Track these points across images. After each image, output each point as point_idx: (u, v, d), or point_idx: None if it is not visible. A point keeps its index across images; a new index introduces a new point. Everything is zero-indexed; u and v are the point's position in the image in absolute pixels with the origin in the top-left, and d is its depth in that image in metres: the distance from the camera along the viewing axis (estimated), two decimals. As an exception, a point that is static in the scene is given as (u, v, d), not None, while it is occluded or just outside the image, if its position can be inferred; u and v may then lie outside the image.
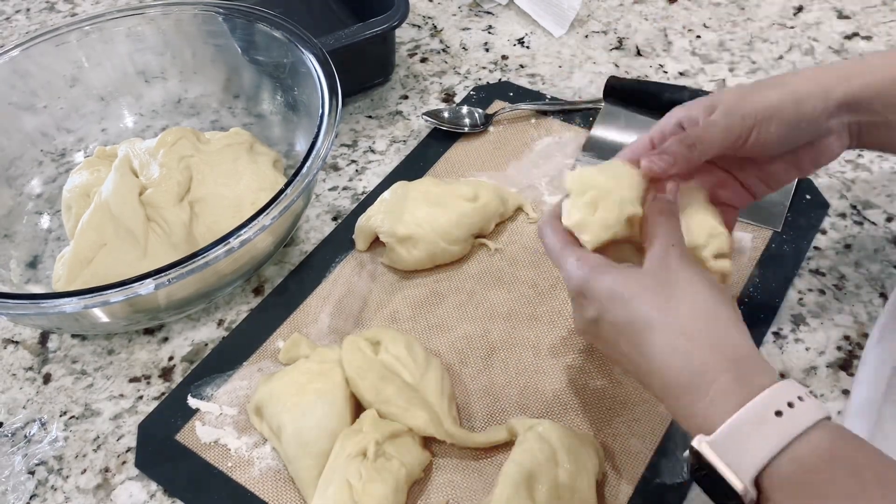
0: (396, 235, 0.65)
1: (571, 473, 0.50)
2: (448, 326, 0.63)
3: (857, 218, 0.69)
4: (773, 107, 0.52)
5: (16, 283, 0.68)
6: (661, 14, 0.93)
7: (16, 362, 0.66)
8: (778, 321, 0.62)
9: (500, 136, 0.79)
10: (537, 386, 0.59)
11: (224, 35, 0.78)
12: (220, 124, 0.82)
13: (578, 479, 0.50)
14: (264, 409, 0.56)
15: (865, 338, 0.60)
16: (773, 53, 0.86)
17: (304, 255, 0.70)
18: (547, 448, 0.51)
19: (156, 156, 0.69)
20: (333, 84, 0.66)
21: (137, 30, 0.79)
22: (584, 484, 0.50)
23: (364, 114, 0.84)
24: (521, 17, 0.95)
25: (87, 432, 0.60)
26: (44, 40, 0.75)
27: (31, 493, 0.57)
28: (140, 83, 0.82)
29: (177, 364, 0.64)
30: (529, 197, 0.72)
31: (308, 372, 0.56)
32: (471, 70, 0.88)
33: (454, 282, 0.67)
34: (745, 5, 0.93)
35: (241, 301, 0.67)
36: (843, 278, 0.64)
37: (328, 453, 0.53)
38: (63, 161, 0.79)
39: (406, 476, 0.52)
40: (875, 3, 0.91)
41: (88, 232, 0.65)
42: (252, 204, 0.67)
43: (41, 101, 0.78)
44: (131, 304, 0.59)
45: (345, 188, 0.76)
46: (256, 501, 0.54)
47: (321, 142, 0.62)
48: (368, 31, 0.77)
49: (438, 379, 0.56)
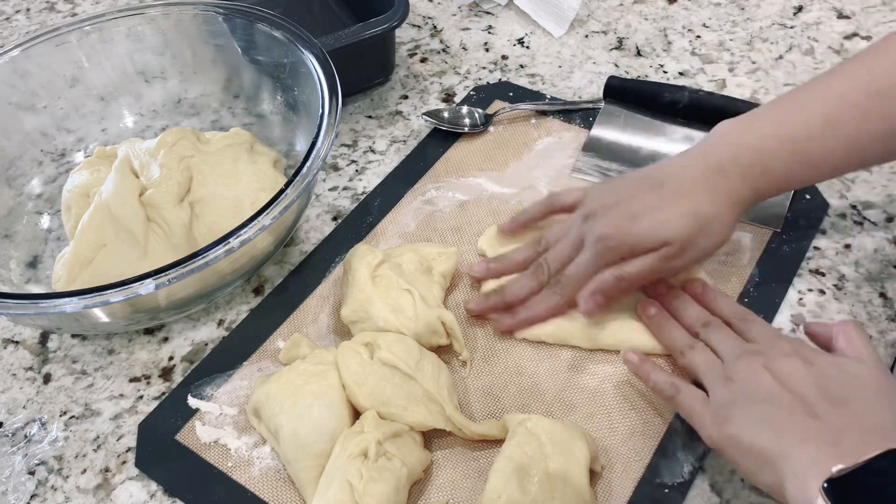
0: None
1: (562, 464, 0.50)
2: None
3: (857, 218, 0.69)
4: (702, 253, 0.58)
5: (16, 283, 0.68)
6: (661, 14, 0.93)
7: (16, 362, 0.66)
8: (778, 321, 0.62)
9: (500, 136, 0.79)
10: (537, 386, 0.59)
11: (224, 35, 0.77)
12: (220, 124, 0.82)
13: (570, 470, 0.50)
14: (262, 410, 0.56)
15: (865, 338, 0.60)
16: (773, 53, 0.86)
17: (304, 255, 0.70)
18: (535, 441, 0.51)
19: (156, 156, 0.69)
20: (333, 84, 0.66)
21: (137, 30, 0.78)
22: (575, 474, 0.50)
23: (364, 114, 0.84)
24: (521, 17, 0.95)
25: (87, 432, 0.60)
26: (44, 40, 0.75)
27: (32, 493, 0.57)
28: (140, 83, 0.82)
29: (177, 364, 0.64)
30: (529, 197, 0.72)
31: (305, 373, 0.56)
32: (471, 70, 0.88)
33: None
34: (745, 5, 0.93)
35: (241, 301, 0.67)
36: (843, 278, 0.64)
37: (327, 454, 0.53)
38: (63, 161, 0.79)
39: (407, 476, 0.52)
40: (875, 3, 0.91)
41: (88, 232, 0.65)
42: (252, 204, 0.67)
43: (41, 101, 0.78)
44: (131, 304, 0.59)
45: (345, 188, 0.76)
46: (256, 501, 0.54)
47: (321, 142, 0.62)
48: (368, 31, 0.77)
49: (435, 367, 0.57)
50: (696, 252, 0.57)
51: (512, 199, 0.72)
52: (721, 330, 0.56)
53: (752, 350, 0.52)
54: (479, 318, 0.63)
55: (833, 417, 0.44)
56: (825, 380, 0.47)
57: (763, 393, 0.48)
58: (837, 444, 0.42)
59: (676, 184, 0.58)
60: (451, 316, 0.60)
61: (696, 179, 0.58)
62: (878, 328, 0.61)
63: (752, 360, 0.50)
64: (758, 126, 0.58)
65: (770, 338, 0.53)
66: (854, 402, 0.45)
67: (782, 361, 0.49)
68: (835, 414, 0.44)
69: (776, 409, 0.46)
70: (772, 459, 0.44)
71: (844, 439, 0.42)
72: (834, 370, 0.47)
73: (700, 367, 0.53)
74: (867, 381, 0.46)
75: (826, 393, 0.46)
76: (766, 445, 0.45)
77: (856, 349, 0.49)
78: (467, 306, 0.63)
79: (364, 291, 0.60)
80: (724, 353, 0.53)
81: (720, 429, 0.48)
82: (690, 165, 0.59)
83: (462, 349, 0.60)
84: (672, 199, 0.57)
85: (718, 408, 0.49)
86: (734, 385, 0.49)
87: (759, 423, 0.46)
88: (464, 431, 0.55)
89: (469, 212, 0.72)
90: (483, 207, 0.72)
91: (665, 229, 0.56)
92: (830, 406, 0.45)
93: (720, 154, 0.58)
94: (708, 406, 0.50)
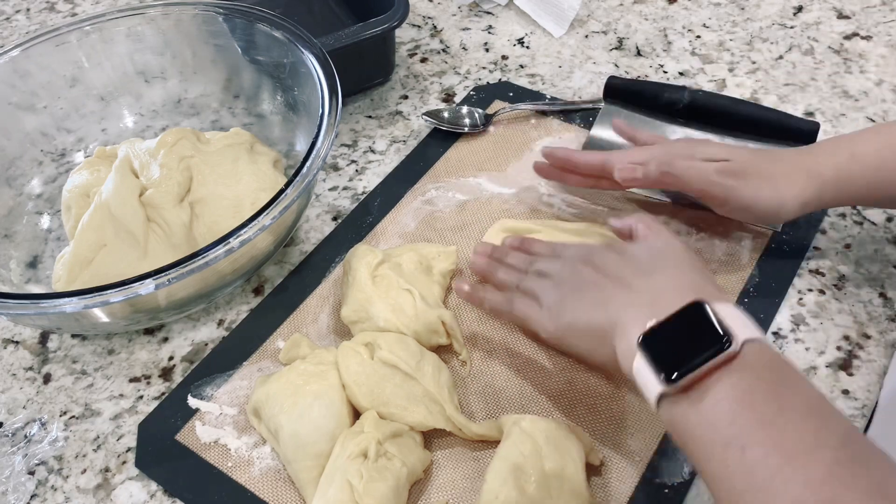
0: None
1: (558, 463, 0.50)
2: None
3: (857, 218, 0.69)
4: (758, 206, 0.60)
5: (16, 283, 0.68)
6: (661, 14, 0.93)
7: (16, 362, 0.66)
8: (778, 321, 0.62)
9: (499, 136, 0.79)
10: (537, 386, 0.59)
11: (224, 35, 0.77)
12: (220, 124, 0.82)
13: (566, 468, 0.50)
14: (262, 410, 0.56)
15: (865, 338, 0.60)
16: (772, 53, 0.86)
17: (304, 255, 0.70)
18: (531, 441, 0.51)
19: (156, 156, 0.69)
20: (333, 84, 0.66)
21: (137, 30, 0.78)
22: (572, 472, 0.50)
23: (364, 114, 0.84)
24: (521, 17, 0.95)
25: (87, 432, 0.60)
26: (44, 40, 0.75)
27: (32, 493, 0.57)
28: (140, 83, 0.82)
29: (177, 364, 0.64)
30: (528, 198, 0.72)
31: (304, 373, 0.56)
32: (471, 70, 0.88)
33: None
34: (745, 5, 0.93)
35: (241, 301, 0.67)
36: (843, 278, 0.64)
37: (326, 454, 0.53)
38: (63, 161, 0.79)
39: (407, 476, 0.52)
40: (875, 3, 0.91)
41: (88, 233, 0.65)
42: (252, 204, 0.67)
43: (41, 101, 0.78)
44: (131, 304, 0.59)
45: (345, 188, 0.76)
46: (256, 501, 0.54)
47: (321, 142, 0.62)
48: (368, 31, 0.77)
49: (436, 367, 0.57)
50: (754, 192, 0.60)
51: (512, 199, 0.73)
52: (541, 259, 0.59)
53: (570, 255, 0.57)
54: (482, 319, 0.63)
55: (649, 285, 0.49)
56: (637, 260, 0.52)
57: (588, 283, 0.53)
58: (654, 305, 0.47)
59: (759, 156, 0.61)
60: (452, 316, 0.60)
61: (778, 153, 0.61)
62: (878, 328, 0.61)
63: (574, 262, 0.55)
64: (852, 134, 0.61)
65: (584, 247, 0.57)
66: (664, 270, 0.50)
67: (598, 255, 0.55)
68: (649, 282, 0.50)
69: (601, 291, 0.52)
70: (604, 331, 0.49)
71: (660, 299, 0.47)
72: (643, 252, 0.53)
73: (532, 290, 0.56)
74: (672, 252, 0.52)
75: (640, 269, 0.51)
76: (598, 321, 0.50)
77: (656, 233, 0.55)
78: (459, 288, 0.62)
79: (364, 291, 0.60)
80: (548, 270, 0.57)
81: (557, 322, 0.54)
82: (776, 149, 0.63)
83: (461, 349, 0.60)
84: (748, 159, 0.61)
85: (552, 305, 0.54)
86: (560, 284, 0.55)
87: (590, 305, 0.52)
88: (464, 432, 0.55)
89: (469, 212, 0.72)
90: (483, 207, 0.72)
91: (729, 152, 0.61)
92: (645, 277, 0.50)
93: (818, 151, 0.61)
94: (541, 309, 0.55)
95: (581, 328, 0.52)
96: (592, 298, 0.52)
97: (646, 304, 0.48)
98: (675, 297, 0.46)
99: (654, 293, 0.48)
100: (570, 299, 0.53)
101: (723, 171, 0.60)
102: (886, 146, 0.58)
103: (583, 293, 0.53)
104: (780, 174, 0.59)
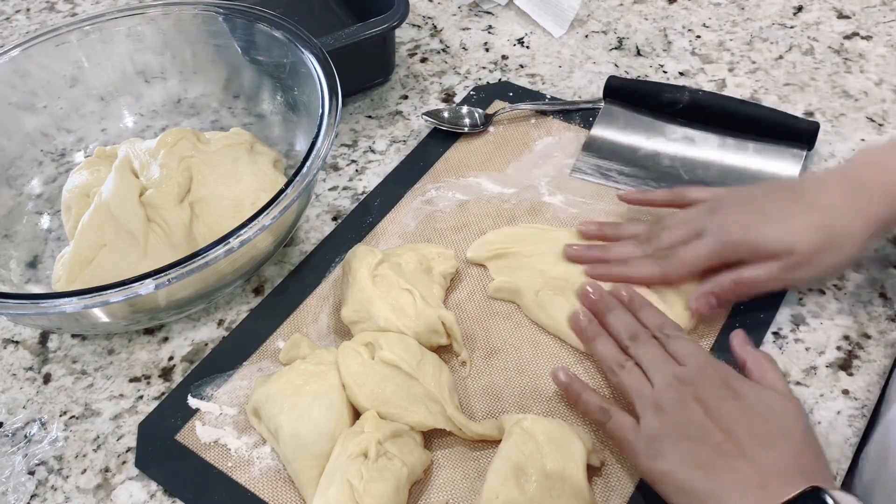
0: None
1: (559, 463, 0.50)
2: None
3: (857, 218, 0.69)
4: (835, 274, 0.61)
5: (16, 283, 0.68)
6: (661, 14, 0.93)
7: (16, 362, 0.66)
8: (778, 321, 0.62)
9: (500, 136, 0.79)
10: (537, 386, 0.59)
11: (224, 35, 0.77)
12: (220, 124, 0.82)
13: (567, 468, 0.50)
14: (262, 410, 0.56)
15: (865, 338, 0.60)
16: (772, 53, 0.86)
17: (304, 255, 0.70)
18: (532, 441, 0.51)
19: (156, 156, 0.69)
20: (333, 84, 0.66)
21: (137, 30, 0.78)
22: (573, 472, 0.50)
23: (364, 114, 0.84)
24: (521, 17, 0.95)
25: (87, 432, 0.60)
26: (44, 40, 0.75)
27: (32, 493, 0.57)
28: (140, 83, 0.82)
29: (177, 364, 0.64)
30: (528, 198, 0.72)
31: (304, 373, 0.56)
32: (471, 70, 0.88)
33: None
34: (745, 5, 0.93)
35: (241, 301, 0.67)
36: (843, 278, 0.64)
37: (327, 454, 0.53)
38: (63, 161, 0.79)
39: (407, 476, 0.52)
40: (875, 3, 0.91)
41: (88, 233, 0.65)
42: (252, 204, 0.67)
43: (41, 101, 0.78)
44: (131, 304, 0.59)
45: (345, 188, 0.76)
46: (256, 501, 0.54)
47: (321, 142, 0.62)
48: (368, 31, 0.77)
49: (436, 367, 0.57)
50: (820, 268, 0.57)
51: (512, 199, 0.72)
52: (650, 347, 0.55)
53: (681, 377, 0.52)
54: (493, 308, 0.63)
55: (761, 459, 0.46)
56: (752, 416, 0.48)
57: (693, 429, 0.49)
58: (764, 487, 0.44)
59: (812, 197, 0.58)
60: (452, 316, 0.60)
61: (834, 194, 0.57)
62: (878, 328, 0.61)
63: (683, 390, 0.51)
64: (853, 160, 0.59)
65: (697, 361, 0.53)
66: (781, 444, 0.47)
67: (711, 393, 0.50)
68: (762, 455, 0.46)
69: (707, 447, 0.48)
70: (702, 500, 0.46)
71: (770, 482, 0.44)
72: (761, 408, 0.49)
73: (631, 391, 0.53)
74: (790, 420, 0.49)
75: (753, 431, 0.48)
76: (696, 486, 0.46)
77: (769, 380, 0.51)
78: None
79: (364, 291, 0.60)
80: (653, 376, 0.53)
81: (652, 463, 0.49)
82: (830, 181, 0.59)
83: (461, 349, 0.60)
84: (805, 210, 0.57)
85: (649, 439, 0.50)
86: (665, 416, 0.50)
87: (691, 461, 0.48)
88: (464, 431, 0.55)
89: (469, 212, 0.72)
90: (483, 207, 0.72)
91: (792, 237, 0.56)
92: (759, 447, 0.47)
93: (862, 173, 0.58)
94: (639, 436, 0.50)
95: (675, 482, 0.48)
96: (695, 454, 0.48)
97: (756, 485, 0.45)
98: (787, 481, 0.44)
99: (766, 473, 0.45)
100: (669, 442, 0.49)
101: (788, 268, 0.57)
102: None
103: (685, 442, 0.48)
104: (837, 233, 0.56)
